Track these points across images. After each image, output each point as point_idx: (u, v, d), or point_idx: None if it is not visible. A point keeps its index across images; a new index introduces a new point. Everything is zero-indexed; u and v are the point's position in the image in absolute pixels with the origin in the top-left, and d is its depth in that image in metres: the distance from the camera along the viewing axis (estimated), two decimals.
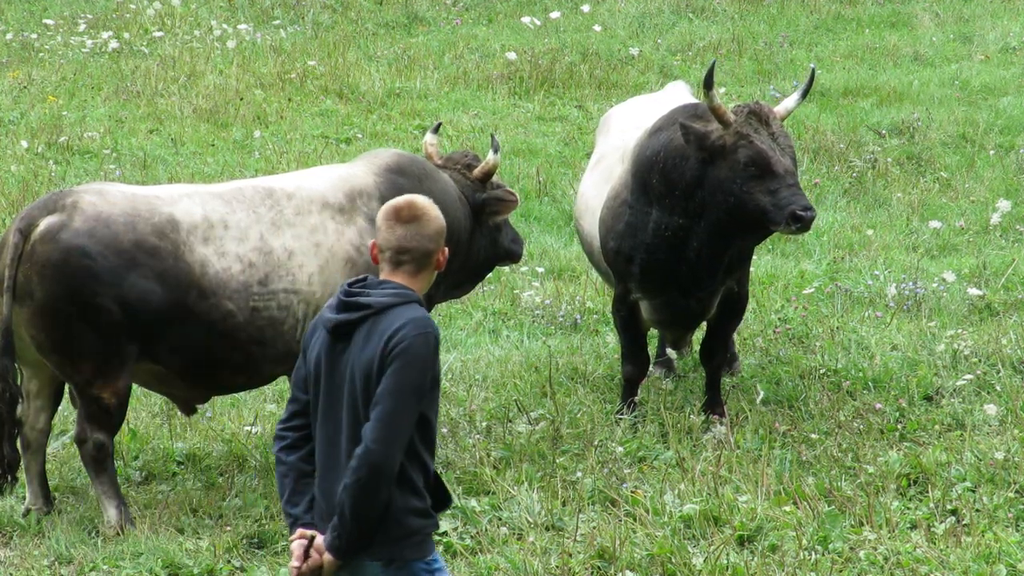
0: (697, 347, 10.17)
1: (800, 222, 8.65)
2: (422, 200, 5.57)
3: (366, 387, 5.39)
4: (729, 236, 8.98)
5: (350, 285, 5.51)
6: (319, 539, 5.45)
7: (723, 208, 8.84)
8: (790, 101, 9.22)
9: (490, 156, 9.09)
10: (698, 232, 9.01)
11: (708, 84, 8.74)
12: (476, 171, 9.16)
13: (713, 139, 8.81)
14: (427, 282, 5.56)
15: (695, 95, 10.66)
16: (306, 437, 5.56)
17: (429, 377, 5.40)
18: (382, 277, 5.53)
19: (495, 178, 9.28)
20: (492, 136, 9.51)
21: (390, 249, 5.51)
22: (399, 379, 5.35)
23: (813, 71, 9.50)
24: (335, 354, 5.48)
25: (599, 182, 9.65)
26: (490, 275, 10.43)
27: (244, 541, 7.93)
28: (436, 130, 9.47)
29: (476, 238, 9.13)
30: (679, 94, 10.30)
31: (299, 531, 5.48)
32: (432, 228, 5.52)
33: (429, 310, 9.13)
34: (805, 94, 9.29)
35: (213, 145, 15.55)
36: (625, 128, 9.84)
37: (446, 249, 5.58)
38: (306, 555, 5.45)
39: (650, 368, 9.91)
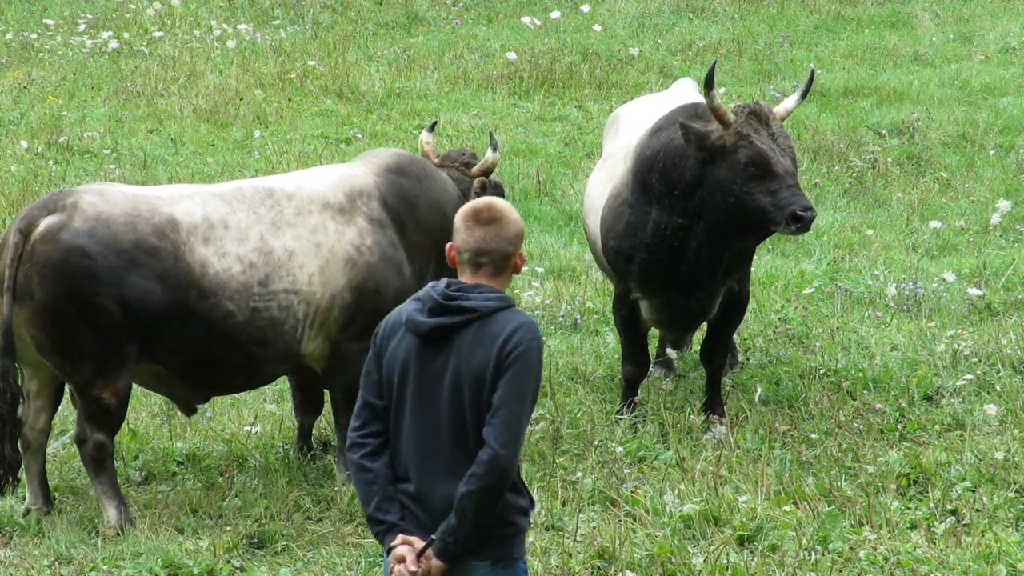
0: (696, 347, 10.18)
1: (800, 222, 8.65)
2: (501, 203, 5.54)
3: (478, 391, 5.40)
4: (728, 236, 8.98)
5: (448, 288, 5.46)
6: (417, 542, 5.44)
7: (723, 208, 8.84)
8: (790, 101, 9.22)
9: (489, 154, 9.09)
10: (697, 232, 9.01)
11: (709, 84, 8.74)
12: (475, 169, 9.16)
13: (713, 139, 8.81)
14: (505, 285, 5.53)
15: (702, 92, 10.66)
16: (384, 443, 5.51)
17: (539, 380, 5.47)
18: (463, 279, 5.49)
19: (494, 176, 9.29)
20: (491, 134, 9.52)
21: (469, 251, 5.47)
22: (520, 384, 5.38)
23: (813, 72, 9.49)
24: (426, 357, 5.45)
25: (604, 181, 9.66)
26: None
27: (244, 541, 7.93)
28: (432, 128, 9.47)
29: None
30: (687, 92, 10.29)
31: (401, 537, 5.44)
32: (512, 231, 5.49)
33: None
34: (805, 95, 9.29)
35: (213, 145, 15.55)
36: (632, 127, 9.85)
37: (523, 253, 5.56)
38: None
39: (650, 368, 9.91)
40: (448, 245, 5.55)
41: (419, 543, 5.42)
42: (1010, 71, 18.28)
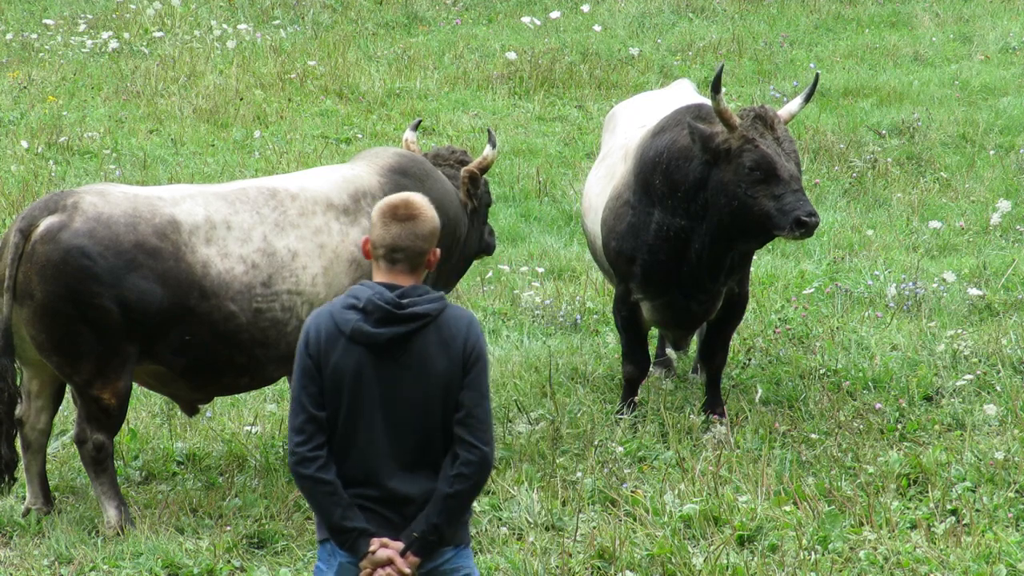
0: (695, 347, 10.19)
1: (804, 228, 8.66)
2: (418, 199, 5.61)
3: (446, 393, 5.52)
4: (731, 239, 8.98)
5: (394, 294, 5.51)
6: (395, 544, 5.54)
7: (726, 211, 8.83)
8: (793, 105, 9.21)
9: (487, 150, 9.08)
10: (700, 234, 9.00)
11: (716, 87, 8.71)
12: (472, 165, 9.16)
13: (718, 142, 8.79)
14: (421, 280, 5.62)
15: (700, 93, 10.65)
16: (329, 454, 5.55)
17: None
18: (377, 276, 5.56)
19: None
20: (489, 131, 9.51)
21: (384, 246, 5.55)
22: (484, 381, 5.57)
23: (817, 76, 9.50)
24: (382, 366, 5.51)
25: (603, 181, 9.65)
26: (490, 275, 10.45)
27: (244, 541, 7.93)
28: (416, 127, 9.49)
29: (470, 234, 9.20)
30: (684, 92, 10.28)
31: (379, 541, 5.53)
32: (427, 228, 5.57)
33: None
34: (809, 98, 9.28)
35: (213, 145, 15.56)
36: (629, 126, 9.84)
37: (437, 250, 5.63)
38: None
39: (650, 368, 9.91)
40: (363, 239, 5.64)
41: (396, 544, 5.52)
42: (1010, 71, 18.29)
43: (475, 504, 8.14)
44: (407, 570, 5.51)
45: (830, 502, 8.09)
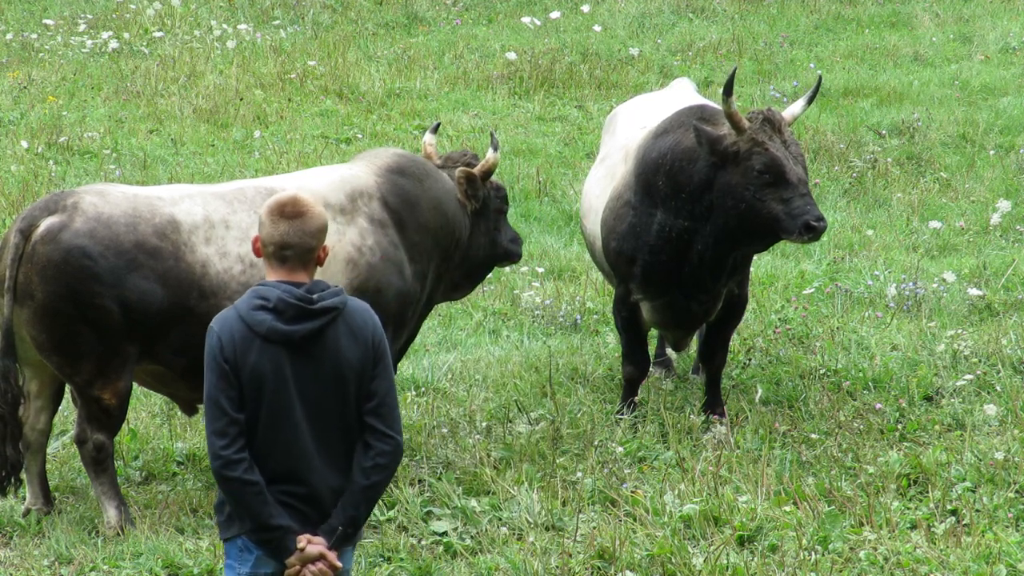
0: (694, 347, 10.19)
1: (812, 232, 8.68)
2: (304, 196, 5.70)
3: (359, 383, 5.61)
4: (735, 241, 8.97)
5: (302, 290, 5.58)
6: (318, 539, 5.60)
7: (733, 214, 8.83)
8: (796, 107, 9.20)
9: (489, 154, 9.06)
10: (703, 235, 9.00)
11: (728, 90, 8.70)
12: (476, 169, 9.13)
13: (727, 144, 8.78)
14: (312, 277, 5.68)
15: (700, 92, 10.65)
16: (250, 454, 5.62)
17: None
18: (272, 275, 5.65)
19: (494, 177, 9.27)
20: (491, 134, 9.50)
21: (273, 244, 5.63)
22: (391, 370, 5.67)
23: (820, 79, 9.51)
24: (300, 363, 5.58)
25: (603, 182, 9.64)
26: (490, 275, 10.42)
27: None
28: (435, 130, 9.45)
29: (476, 237, 9.07)
30: (684, 92, 10.27)
31: (307, 538, 5.60)
32: (315, 224, 5.65)
33: (429, 311, 9.14)
34: (811, 100, 9.28)
35: (213, 145, 15.55)
36: (629, 127, 9.83)
37: (327, 246, 5.71)
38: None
39: (650, 368, 9.90)
40: (253, 237, 5.71)
41: (320, 540, 5.60)
42: (1010, 71, 18.29)
43: (479, 505, 8.15)
44: (339, 564, 5.60)
45: (830, 502, 8.09)
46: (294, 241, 5.60)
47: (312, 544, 5.58)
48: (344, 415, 5.61)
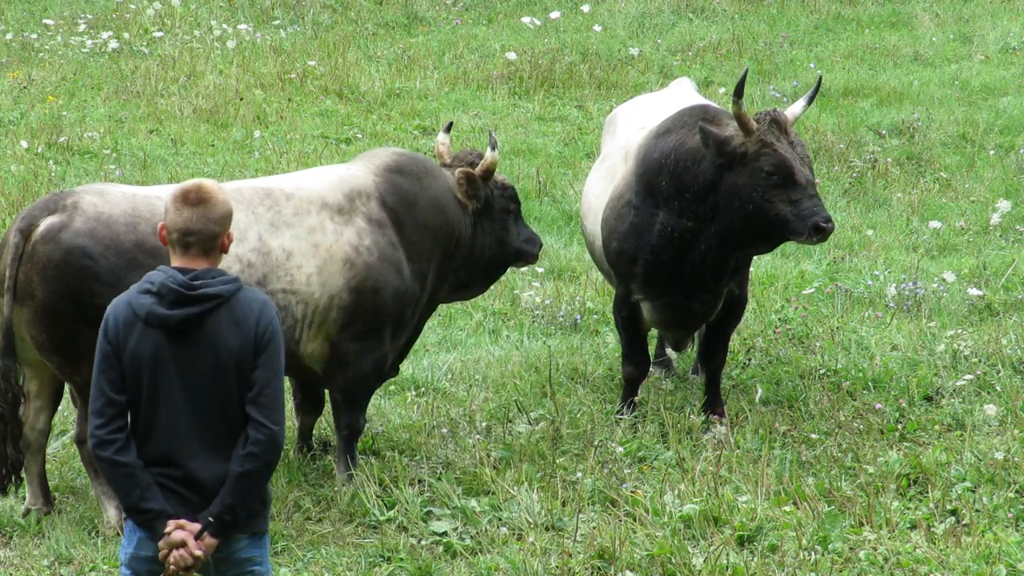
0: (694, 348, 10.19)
1: (822, 233, 8.69)
2: (209, 183, 5.74)
3: (240, 372, 5.65)
4: (740, 242, 8.97)
5: (185, 276, 5.63)
6: (191, 525, 5.65)
7: (740, 215, 8.82)
8: (796, 107, 9.20)
9: (488, 153, 9.04)
10: (707, 235, 8.99)
11: (739, 92, 8.69)
12: (477, 169, 9.12)
13: (734, 145, 8.77)
14: (217, 264, 5.74)
15: (700, 92, 10.64)
16: (129, 437, 5.68)
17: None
18: (174, 261, 5.70)
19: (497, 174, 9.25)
20: (490, 132, 9.48)
21: (177, 231, 5.69)
22: (276, 361, 5.69)
23: (820, 79, 9.52)
24: (177, 348, 5.64)
25: (603, 182, 9.64)
26: None
27: None
28: (448, 130, 9.41)
29: (479, 237, 9.02)
30: (685, 92, 10.27)
31: (175, 523, 5.64)
32: (219, 211, 5.70)
33: (432, 310, 9.13)
34: (812, 100, 9.28)
35: (213, 145, 15.55)
36: (630, 127, 9.82)
37: (232, 233, 5.76)
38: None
39: (650, 368, 9.90)
40: (159, 225, 5.76)
41: (193, 526, 5.63)
42: (1010, 71, 18.29)
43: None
44: (198, 552, 5.62)
45: (830, 502, 8.09)
46: (197, 227, 5.67)
47: (180, 530, 5.62)
48: (226, 403, 5.66)
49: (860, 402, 9.50)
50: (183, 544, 5.62)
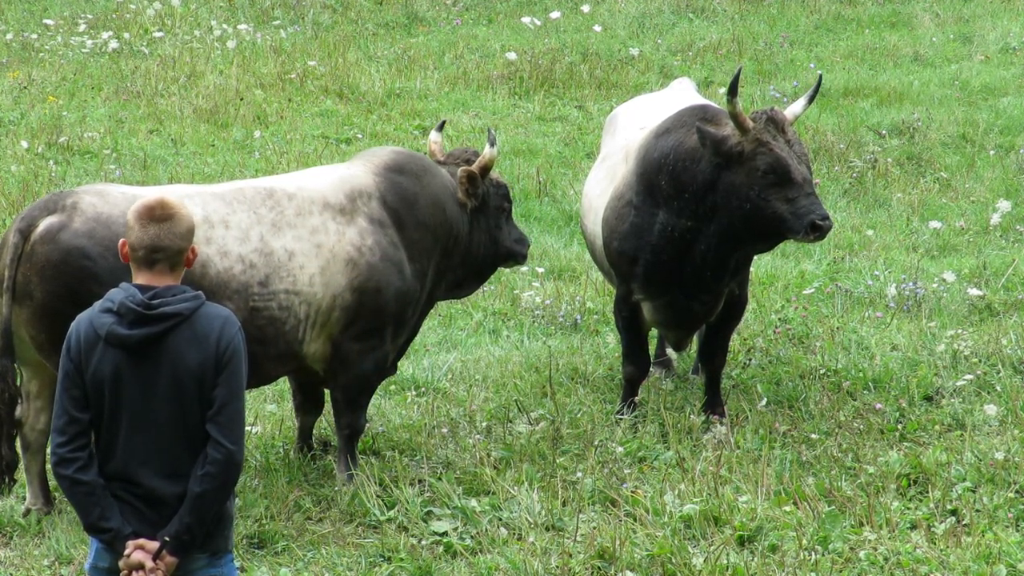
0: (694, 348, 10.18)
1: (818, 231, 8.69)
2: (173, 199, 5.68)
3: (200, 390, 5.59)
4: (739, 241, 8.97)
5: (144, 295, 5.57)
6: (150, 545, 5.63)
7: (738, 214, 8.83)
8: (797, 106, 9.20)
9: (487, 150, 9.05)
10: (706, 235, 9.00)
11: (733, 91, 8.69)
12: (474, 166, 9.12)
13: (731, 144, 8.77)
14: (180, 279, 5.68)
15: (701, 92, 10.64)
16: (91, 455, 5.65)
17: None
18: (137, 278, 5.63)
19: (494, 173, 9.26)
20: (489, 130, 9.49)
21: (143, 248, 5.61)
22: (238, 379, 5.62)
23: (820, 78, 9.52)
24: (137, 367, 5.59)
25: (603, 182, 9.64)
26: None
27: (244, 541, 7.93)
28: (440, 128, 9.44)
29: (476, 234, 9.05)
30: (685, 92, 10.27)
31: (134, 543, 5.62)
32: (184, 226, 5.65)
33: (430, 309, 9.13)
34: (812, 99, 9.28)
35: (213, 145, 15.55)
36: (630, 127, 9.83)
37: (196, 247, 5.71)
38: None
39: (650, 368, 9.90)
40: (121, 242, 5.67)
41: (152, 545, 5.61)
42: (1010, 71, 18.29)
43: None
44: (158, 573, 5.60)
45: (830, 502, 8.09)
46: (165, 244, 5.60)
47: (139, 550, 5.61)
48: (187, 421, 5.61)
49: (860, 402, 9.50)
50: (142, 566, 5.60)
